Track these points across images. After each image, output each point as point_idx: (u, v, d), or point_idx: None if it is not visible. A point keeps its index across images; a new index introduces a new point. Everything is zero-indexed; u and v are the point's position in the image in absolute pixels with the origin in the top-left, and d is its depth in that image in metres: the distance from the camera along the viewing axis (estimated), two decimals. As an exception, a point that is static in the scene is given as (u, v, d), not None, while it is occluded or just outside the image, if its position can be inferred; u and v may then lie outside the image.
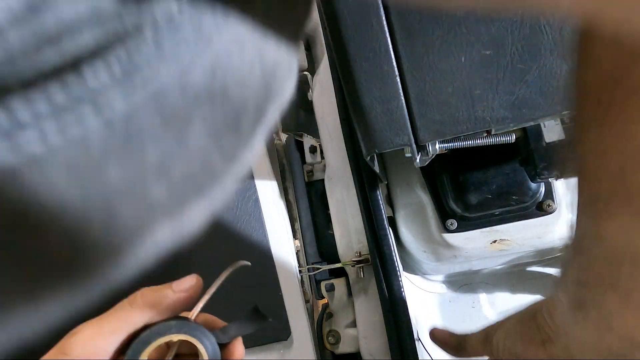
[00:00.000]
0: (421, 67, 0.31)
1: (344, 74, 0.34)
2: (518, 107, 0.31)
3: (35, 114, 0.10)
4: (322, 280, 0.58)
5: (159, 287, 0.32)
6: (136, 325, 0.31)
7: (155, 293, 0.32)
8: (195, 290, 0.33)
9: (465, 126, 0.31)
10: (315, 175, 0.63)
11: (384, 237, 0.49)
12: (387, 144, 0.33)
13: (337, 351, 0.56)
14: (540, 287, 0.65)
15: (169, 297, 0.32)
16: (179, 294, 0.32)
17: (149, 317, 0.31)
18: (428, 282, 0.69)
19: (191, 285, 0.33)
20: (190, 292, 0.33)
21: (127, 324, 0.31)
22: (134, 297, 0.32)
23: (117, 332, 0.30)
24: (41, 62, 0.10)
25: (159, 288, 0.32)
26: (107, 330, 0.30)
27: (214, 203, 0.19)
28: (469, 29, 0.31)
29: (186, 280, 0.33)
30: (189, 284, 0.33)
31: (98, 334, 0.30)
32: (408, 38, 0.31)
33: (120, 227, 0.15)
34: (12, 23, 0.09)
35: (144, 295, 0.32)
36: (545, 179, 0.44)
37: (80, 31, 0.10)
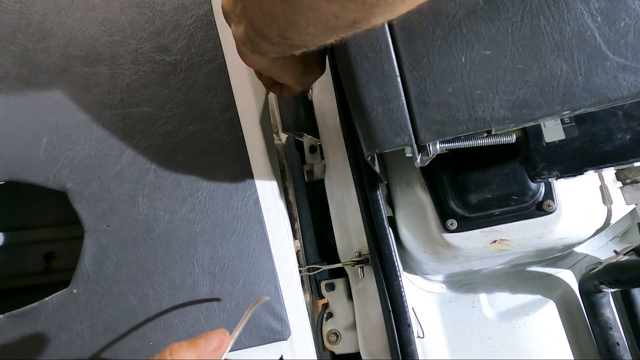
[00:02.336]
0: (421, 67, 0.31)
1: (344, 74, 0.34)
2: (518, 107, 0.31)
3: None
4: (322, 280, 0.59)
5: (188, 344, 0.32)
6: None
7: (184, 351, 0.32)
8: (223, 345, 0.34)
9: (466, 126, 0.31)
10: (315, 175, 0.63)
11: (384, 237, 0.49)
12: (387, 144, 0.33)
13: (337, 351, 0.56)
14: (540, 287, 0.65)
15: (196, 352, 0.32)
16: (207, 352, 0.33)
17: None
18: (428, 282, 0.69)
19: (219, 343, 0.34)
20: (218, 348, 0.33)
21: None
22: (163, 355, 0.32)
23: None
24: None
25: (188, 345, 0.32)
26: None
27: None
28: (469, 29, 0.31)
29: (214, 337, 0.34)
30: (217, 341, 0.34)
31: None
32: (408, 38, 0.31)
33: None
34: None
35: (173, 353, 0.32)
36: (545, 179, 0.44)
37: None
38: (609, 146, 0.42)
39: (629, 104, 0.42)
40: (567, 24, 0.29)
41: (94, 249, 0.50)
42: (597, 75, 0.29)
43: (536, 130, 0.44)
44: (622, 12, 0.28)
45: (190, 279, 0.50)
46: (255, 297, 0.49)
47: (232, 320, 0.49)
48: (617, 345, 0.55)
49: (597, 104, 0.30)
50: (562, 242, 0.53)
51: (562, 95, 0.30)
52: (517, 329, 0.63)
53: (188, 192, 0.51)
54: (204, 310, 0.49)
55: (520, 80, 0.30)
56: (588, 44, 0.29)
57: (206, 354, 0.32)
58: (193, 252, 0.50)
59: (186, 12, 0.55)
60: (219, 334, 0.34)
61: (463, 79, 0.31)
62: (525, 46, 0.30)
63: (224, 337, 0.34)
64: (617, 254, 0.54)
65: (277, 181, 0.54)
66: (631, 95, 0.29)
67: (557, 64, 0.30)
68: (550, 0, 0.29)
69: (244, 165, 0.52)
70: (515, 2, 0.30)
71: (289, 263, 0.51)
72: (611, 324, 0.55)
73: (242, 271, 0.50)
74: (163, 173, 0.52)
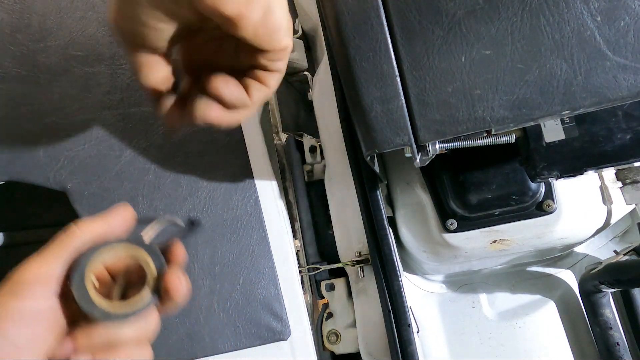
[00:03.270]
0: (421, 67, 0.31)
1: (344, 74, 0.34)
2: (518, 107, 0.31)
3: None
4: (322, 280, 0.58)
5: (93, 218, 0.34)
6: (77, 249, 0.32)
7: (88, 221, 0.33)
8: (128, 218, 0.35)
9: (465, 126, 0.31)
10: (315, 175, 0.63)
11: (384, 237, 0.49)
12: (387, 144, 0.33)
13: (337, 351, 0.56)
14: (540, 287, 0.65)
15: (103, 223, 0.34)
16: (112, 219, 0.34)
17: (87, 242, 0.33)
18: (428, 282, 0.69)
19: (123, 213, 0.35)
20: (123, 218, 0.35)
21: (68, 248, 0.32)
22: (69, 227, 0.33)
23: (59, 257, 0.32)
24: None
25: (91, 217, 0.34)
26: (49, 256, 0.32)
27: None
28: (469, 29, 0.31)
29: (116, 208, 0.35)
30: (120, 211, 0.35)
31: (41, 261, 0.31)
32: (408, 38, 0.31)
33: None
34: None
35: (77, 223, 0.33)
36: (545, 179, 0.44)
37: None
38: (609, 146, 0.42)
39: (629, 104, 0.42)
40: (567, 24, 0.29)
41: (94, 249, 0.50)
42: (597, 75, 0.29)
43: (536, 130, 0.44)
44: (622, 11, 0.28)
45: (190, 279, 0.49)
46: (255, 297, 0.49)
47: (232, 320, 0.49)
48: (617, 345, 0.55)
49: (597, 104, 0.30)
50: (562, 242, 0.53)
51: (562, 95, 0.30)
52: (517, 329, 0.63)
53: (188, 192, 0.51)
54: (204, 310, 0.49)
55: (520, 80, 0.30)
56: (588, 43, 0.29)
57: (110, 221, 0.34)
58: (193, 252, 0.50)
59: (186, 12, 0.55)
60: (120, 205, 0.35)
61: (463, 79, 0.31)
62: (525, 46, 0.30)
63: (125, 207, 0.35)
64: (617, 254, 0.54)
65: (277, 181, 0.54)
66: (631, 95, 0.29)
67: (557, 63, 0.30)
68: (550, 0, 0.29)
69: (244, 165, 0.52)
70: (515, 2, 0.30)
71: (289, 263, 0.51)
72: (611, 324, 0.55)
73: (242, 271, 0.50)
74: (163, 173, 0.52)
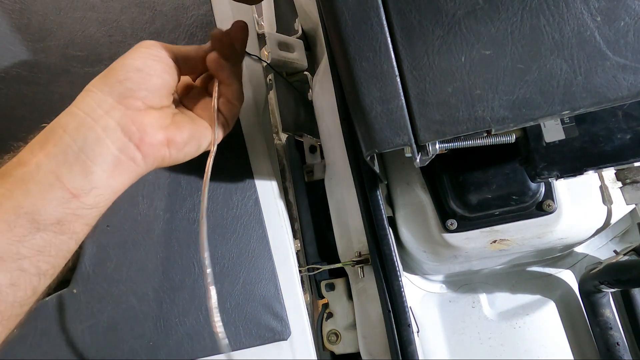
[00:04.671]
0: (421, 67, 0.31)
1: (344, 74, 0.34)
2: (518, 107, 0.31)
3: None
4: (322, 280, 0.59)
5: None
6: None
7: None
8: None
9: (465, 126, 0.31)
10: (315, 175, 0.63)
11: (384, 237, 0.49)
12: (387, 144, 0.33)
13: (337, 351, 0.56)
14: (540, 287, 0.65)
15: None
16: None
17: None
18: (428, 282, 0.69)
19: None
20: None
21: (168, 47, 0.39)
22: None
23: (169, 49, 0.39)
24: None
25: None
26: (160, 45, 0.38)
27: None
28: (469, 29, 0.31)
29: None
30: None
31: (153, 44, 0.38)
32: (408, 38, 0.31)
33: None
34: None
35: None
36: (545, 179, 0.44)
37: None
38: (609, 146, 0.42)
39: (629, 104, 0.42)
40: (567, 24, 0.29)
41: (94, 249, 0.50)
42: (597, 75, 0.29)
43: (536, 130, 0.44)
44: (622, 11, 0.28)
45: (190, 279, 0.50)
46: (255, 297, 0.49)
47: (232, 320, 0.49)
48: (617, 345, 0.55)
49: (597, 104, 0.30)
50: (562, 242, 0.53)
51: (561, 95, 0.30)
52: (517, 329, 0.63)
53: (188, 192, 0.51)
54: (204, 310, 0.49)
55: (520, 80, 0.30)
56: (588, 43, 0.29)
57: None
58: (193, 252, 0.50)
59: (186, 12, 0.55)
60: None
61: (463, 79, 0.31)
62: (525, 46, 0.30)
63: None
64: (617, 254, 0.54)
65: (277, 181, 0.54)
66: (631, 95, 0.29)
67: (557, 63, 0.30)
68: (550, 0, 0.29)
69: (244, 165, 0.52)
70: (514, 1, 0.30)
71: (289, 263, 0.51)
72: (611, 324, 0.55)
73: (242, 271, 0.50)
74: (163, 173, 0.52)
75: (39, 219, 0.30)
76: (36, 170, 0.31)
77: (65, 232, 0.32)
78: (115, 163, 0.34)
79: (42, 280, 0.32)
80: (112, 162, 0.33)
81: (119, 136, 0.34)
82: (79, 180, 0.32)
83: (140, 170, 0.36)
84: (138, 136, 0.35)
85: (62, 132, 0.33)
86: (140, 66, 0.35)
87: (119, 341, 0.48)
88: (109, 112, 0.34)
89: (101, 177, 0.33)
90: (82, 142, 0.33)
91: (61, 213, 0.31)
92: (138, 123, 0.35)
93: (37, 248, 0.31)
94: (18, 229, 0.30)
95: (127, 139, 0.34)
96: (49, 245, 0.31)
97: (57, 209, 0.31)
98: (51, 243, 0.31)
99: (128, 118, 0.34)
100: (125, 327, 0.48)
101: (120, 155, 0.34)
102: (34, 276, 0.31)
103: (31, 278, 0.31)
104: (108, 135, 0.33)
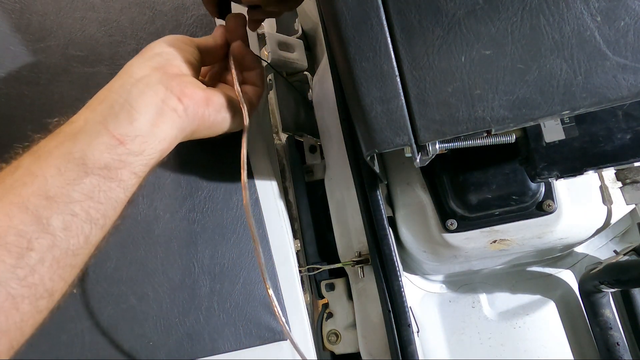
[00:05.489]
0: (421, 67, 0.31)
1: (344, 74, 0.34)
2: (518, 107, 0.31)
3: None
4: (322, 280, 0.59)
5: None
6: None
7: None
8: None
9: (465, 126, 0.31)
10: (315, 175, 0.63)
11: (384, 237, 0.49)
12: (387, 144, 0.33)
13: (337, 351, 0.56)
14: (540, 287, 0.65)
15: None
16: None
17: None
18: (428, 282, 0.69)
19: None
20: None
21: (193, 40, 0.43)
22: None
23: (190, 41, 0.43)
24: None
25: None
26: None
27: None
28: (469, 29, 0.31)
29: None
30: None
31: (178, 37, 0.42)
32: (408, 38, 0.31)
33: None
34: None
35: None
36: (545, 179, 0.44)
37: None
38: (609, 146, 0.42)
39: (629, 104, 0.42)
40: (566, 24, 0.29)
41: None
42: (597, 75, 0.29)
43: (536, 130, 0.44)
44: (622, 11, 0.28)
45: (190, 279, 0.50)
46: (255, 297, 0.49)
47: (232, 320, 0.49)
48: (617, 345, 0.55)
49: (597, 104, 0.30)
50: (562, 242, 0.53)
51: (561, 95, 0.30)
52: (517, 329, 0.63)
53: (188, 192, 0.51)
54: (204, 310, 0.49)
55: (520, 80, 0.30)
56: (588, 43, 0.29)
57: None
58: (193, 252, 0.50)
59: (186, 12, 0.55)
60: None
61: (463, 79, 0.31)
62: (525, 46, 0.30)
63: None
64: (617, 254, 0.54)
65: (277, 181, 0.54)
66: (631, 95, 0.29)
67: (556, 63, 0.30)
68: (550, 0, 0.29)
69: (244, 165, 0.52)
70: (514, 1, 0.30)
71: (289, 263, 0.51)
72: (611, 324, 0.55)
73: (242, 271, 0.50)
74: (163, 173, 0.52)
75: (87, 162, 0.32)
76: (84, 123, 0.34)
77: (113, 179, 0.33)
78: (158, 112, 0.36)
79: (93, 229, 0.33)
80: (155, 111, 0.36)
81: (161, 89, 0.37)
82: (124, 127, 0.34)
83: (182, 122, 0.38)
84: (179, 89, 0.37)
85: (107, 92, 0.36)
86: (171, 43, 0.40)
87: (119, 341, 0.48)
88: (149, 74, 0.37)
89: (145, 125, 0.35)
90: (127, 95, 0.35)
91: (108, 158, 0.33)
92: (178, 80, 0.38)
93: (86, 192, 0.32)
94: (68, 173, 0.32)
95: (169, 92, 0.37)
96: (97, 191, 0.33)
97: (103, 154, 0.33)
98: (100, 188, 0.33)
99: (168, 77, 0.38)
100: (125, 327, 0.48)
101: (162, 105, 0.36)
102: (85, 223, 0.32)
103: (82, 225, 0.32)
104: (151, 88, 0.36)
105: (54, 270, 0.30)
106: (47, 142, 0.33)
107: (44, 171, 0.31)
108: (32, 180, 0.31)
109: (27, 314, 0.29)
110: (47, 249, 0.30)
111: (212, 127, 0.42)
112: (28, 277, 0.29)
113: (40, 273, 0.29)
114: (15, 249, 0.28)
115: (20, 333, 0.29)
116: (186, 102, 0.38)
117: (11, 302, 0.28)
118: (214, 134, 0.43)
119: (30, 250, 0.29)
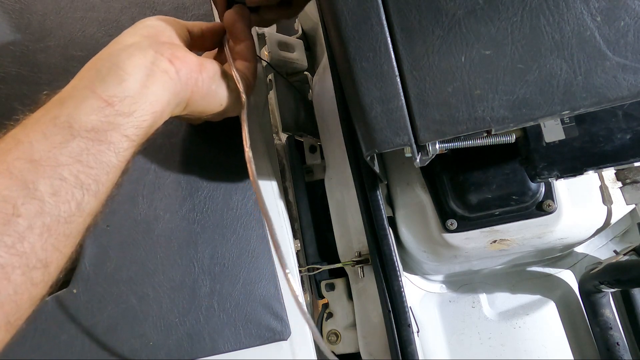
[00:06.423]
0: (421, 67, 0.31)
1: (344, 74, 0.34)
2: (518, 107, 0.31)
3: None
4: (322, 280, 0.59)
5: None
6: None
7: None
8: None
9: (465, 126, 0.31)
10: (315, 175, 0.63)
11: (384, 237, 0.49)
12: (387, 144, 0.33)
13: (337, 351, 0.56)
14: (540, 287, 0.66)
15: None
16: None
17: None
18: (428, 282, 0.69)
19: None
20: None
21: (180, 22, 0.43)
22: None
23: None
24: None
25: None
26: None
27: None
28: (469, 29, 0.31)
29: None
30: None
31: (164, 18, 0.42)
32: (408, 38, 0.31)
33: None
34: None
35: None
36: (545, 179, 0.44)
37: None
38: (609, 146, 0.42)
39: (629, 104, 0.42)
40: (567, 24, 0.29)
41: (94, 249, 0.50)
42: (597, 75, 0.29)
43: (536, 130, 0.44)
44: (622, 11, 0.28)
45: (190, 279, 0.50)
46: (255, 297, 0.49)
47: (232, 320, 0.49)
48: (617, 345, 0.55)
49: (597, 104, 0.30)
50: (562, 242, 0.53)
51: (562, 95, 0.30)
52: (517, 329, 0.63)
53: (188, 192, 0.51)
54: (204, 310, 0.49)
55: (520, 80, 0.30)
56: (588, 43, 0.29)
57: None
58: (193, 252, 0.50)
59: (186, 12, 0.55)
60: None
61: (463, 79, 0.31)
62: (525, 46, 0.30)
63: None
64: (617, 254, 0.54)
65: (277, 181, 0.54)
66: (631, 95, 0.29)
67: (557, 63, 0.30)
68: (550, 0, 0.29)
69: (244, 165, 0.52)
70: (514, 1, 0.30)
71: (289, 263, 0.51)
72: (611, 324, 0.55)
73: (242, 271, 0.50)
74: (163, 173, 0.52)
75: (73, 125, 0.31)
76: (72, 89, 0.33)
77: (103, 141, 0.32)
78: (147, 73, 0.35)
79: (85, 195, 0.31)
80: (144, 72, 0.35)
81: (150, 52, 0.36)
82: (112, 88, 0.33)
83: (175, 86, 0.37)
84: (170, 52, 0.37)
85: (95, 60, 0.35)
86: (162, 19, 0.41)
87: (119, 341, 0.48)
88: (140, 41, 0.36)
89: (134, 85, 0.34)
90: (116, 58, 0.34)
91: (95, 121, 0.32)
92: (169, 45, 0.37)
93: (74, 155, 0.31)
94: (54, 137, 0.30)
95: (160, 55, 0.36)
96: (86, 154, 0.31)
97: (90, 117, 0.32)
98: (88, 151, 0.31)
99: (158, 43, 0.37)
100: (125, 327, 0.48)
101: (152, 66, 0.35)
102: (75, 188, 0.31)
103: (73, 190, 0.30)
104: (141, 51, 0.35)
105: (45, 239, 0.29)
106: (35, 113, 0.32)
107: (30, 137, 0.30)
108: (16, 146, 0.29)
109: (21, 285, 0.28)
110: (35, 215, 0.28)
111: (207, 96, 0.40)
112: (17, 245, 0.27)
113: (30, 241, 0.28)
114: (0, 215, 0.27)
115: (16, 306, 0.28)
116: (178, 64, 0.37)
117: (1, 271, 0.26)
118: (210, 107, 0.41)
119: (17, 217, 0.27)
